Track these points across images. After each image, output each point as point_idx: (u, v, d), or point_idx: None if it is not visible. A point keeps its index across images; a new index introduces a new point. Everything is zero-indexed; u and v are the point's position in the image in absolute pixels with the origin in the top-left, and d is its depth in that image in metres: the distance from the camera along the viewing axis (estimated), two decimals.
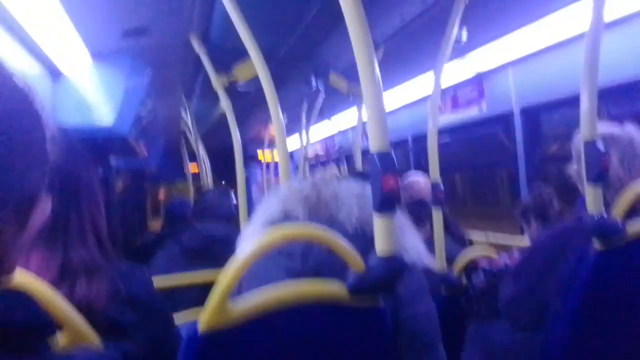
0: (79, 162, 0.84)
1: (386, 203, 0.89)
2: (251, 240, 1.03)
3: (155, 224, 5.56)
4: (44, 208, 0.41)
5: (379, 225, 0.91)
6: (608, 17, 1.58)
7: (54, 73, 1.94)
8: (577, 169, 1.52)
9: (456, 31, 1.94)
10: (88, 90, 2.02)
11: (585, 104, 1.32)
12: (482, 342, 1.71)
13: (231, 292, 0.83)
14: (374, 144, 0.90)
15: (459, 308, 1.82)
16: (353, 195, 1.09)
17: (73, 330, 0.71)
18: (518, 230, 2.37)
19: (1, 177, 0.35)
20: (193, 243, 2.19)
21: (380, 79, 0.91)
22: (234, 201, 2.42)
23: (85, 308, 0.74)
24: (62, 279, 0.75)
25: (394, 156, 0.91)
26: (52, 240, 0.77)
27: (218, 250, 2.16)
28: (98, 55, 2.02)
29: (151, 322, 0.84)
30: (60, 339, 0.71)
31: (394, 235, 0.92)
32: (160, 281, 1.99)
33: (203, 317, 0.81)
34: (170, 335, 0.91)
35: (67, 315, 0.70)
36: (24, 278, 0.68)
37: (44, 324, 0.40)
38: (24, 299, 0.39)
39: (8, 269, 0.40)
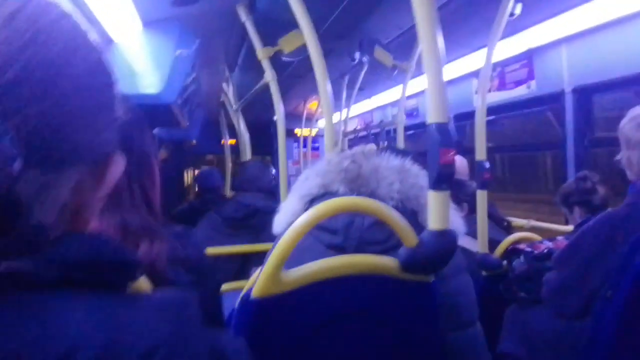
0: (134, 127, 0.84)
1: (443, 176, 0.87)
2: (291, 215, 1.04)
3: (192, 194, 5.70)
4: (118, 165, 0.43)
5: (434, 198, 0.90)
6: None
7: (106, 39, 1.97)
8: (626, 154, 1.46)
9: (511, 4, 1.86)
10: (137, 57, 2.04)
11: None
12: (521, 326, 1.69)
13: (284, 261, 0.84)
14: (433, 115, 0.88)
15: (498, 290, 1.80)
16: (394, 169, 1.07)
17: (136, 290, 0.73)
18: (562, 216, 2.30)
19: (79, 133, 0.36)
20: (234, 213, 2.24)
21: (442, 48, 0.88)
22: (274, 173, 2.44)
23: (147, 269, 0.76)
24: (124, 241, 0.77)
25: (453, 129, 0.88)
26: (109, 204, 0.79)
27: (258, 221, 2.20)
28: (149, 22, 2.04)
29: (202, 284, 0.86)
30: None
31: (448, 210, 0.91)
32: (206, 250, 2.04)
33: (257, 284, 0.83)
34: (218, 298, 0.93)
35: None
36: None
37: (130, 262, 0.41)
38: (107, 239, 0.40)
39: (85, 222, 0.42)
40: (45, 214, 0.35)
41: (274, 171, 2.57)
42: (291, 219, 0.98)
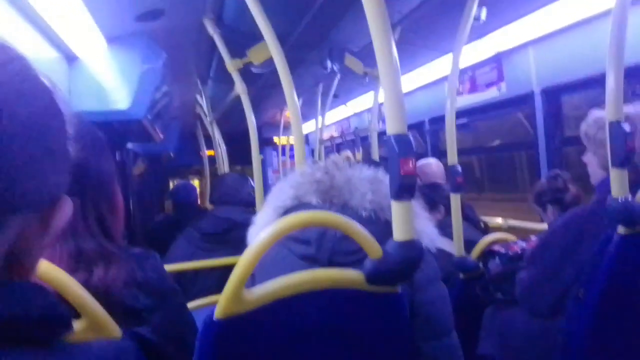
0: (87, 151, 0.80)
1: (404, 186, 0.87)
2: (264, 227, 1.03)
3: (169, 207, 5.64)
4: (65, 209, 0.41)
5: (396, 209, 0.89)
6: None
7: (70, 58, 1.94)
8: (588, 153, 1.49)
9: (475, 9, 1.88)
10: (103, 74, 2.02)
11: (611, 83, 1.28)
12: (499, 327, 1.69)
13: (246, 279, 0.83)
14: (392, 127, 0.88)
15: (476, 292, 1.80)
16: (366, 179, 1.07)
17: (91, 317, 0.71)
18: (538, 215, 2.33)
19: (25, 181, 0.35)
20: (212, 228, 2.21)
21: (397, 60, 0.88)
22: (253, 186, 2.42)
23: (102, 294, 0.74)
24: (77, 268, 0.74)
25: (411, 139, 0.88)
26: (62, 232, 0.76)
27: (237, 235, 2.17)
28: (113, 39, 2.02)
29: (164, 306, 0.83)
30: (78, 327, 0.71)
31: (412, 220, 0.91)
32: (181, 266, 2.01)
33: (219, 304, 0.81)
34: (184, 318, 0.91)
35: (85, 303, 0.70)
36: (40, 266, 0.68)
37: (62, 317, 0.39)
38: (40, 292, 0.38)
39: (30, 269, 0.40)
40: None
41: (252, 183, 2.55)
42: None
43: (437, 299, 1.05)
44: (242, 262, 0.82)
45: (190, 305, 1.65)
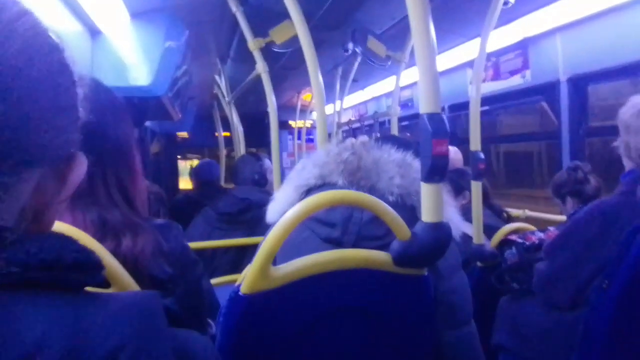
0: (104, 113, 0.79)
1: (436, 168, 0.85)
2: (285, 205, 1.02)
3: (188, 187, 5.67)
4: (81, 166, 0.42)
5: (426, 190, 0.88)
6: None
7: (93, 32, 1.93)
8: (625, 140, 1.44)
9: None
10: (126, 49, 2.01)
11: None
12: (513, 317, 1.68)
13: (274, 255, 0.82)
14: (425, 105, 0.86)
15: (491, 282, 1.79)
16: (395, 162, 1.04)
17: (120, 286, 0.71)
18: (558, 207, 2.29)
19: (39, 135, 0.36)
20: (229, 207, 2.23)
21: (434, 37, 0.86)
22: (262, 165, 2.43)
23: (130, 264, 0.73)
24: (104, 237, 0.74)
25: (445, 119, 0.86)
26: (84, 200, 0.75)
27: (253, 214, 2.18)
28: (136, 14, 2.00)
29: (186, 277, 0.83)
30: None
31: (442, 202, 0.89)
32: (198, 245, 2.03)
33: (247, 279, 0.81)
34: (203, 289, 0.91)
35: (115, 271, 0.70)
36: (72, 233, 0.68)
37: (94, 263, 0.40)
38: (70, 240, 0.39)
39: (48, 223, 0.41)
40: (5, 215, 0.35)
41: (267, 163, 2.55)
42: (285, 208, 0.95)
43: (460, 287, 1.03)
44: (270, 239, 0.81)
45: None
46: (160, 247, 0.79)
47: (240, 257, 2.16)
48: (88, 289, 0.41)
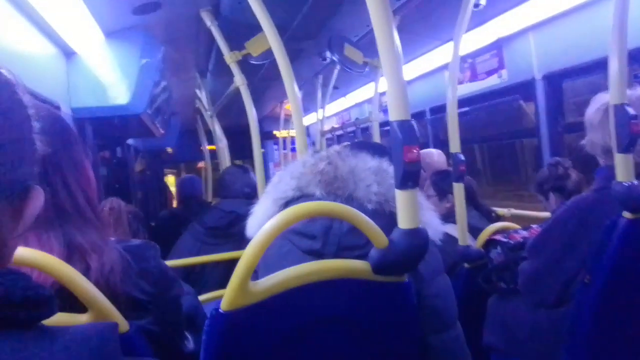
0: (56, 142, 0.78)
1: (408, 174, 0.86)
2: (264, 218, 1.02)
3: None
4: (37, 199, 0.42)
5: (401, 197, 0.88)
6: None
7: (68, 53, 1.93)
8: (590, 137, 1.47)
9: None
10: (102, 69, 2.00)
11: (615, 66, 1.26)
12: (503, 317, 1.69)
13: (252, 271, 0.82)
14: (395, 113, 0.87)
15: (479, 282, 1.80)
16: (371, 170, 1.04)
17: (98, 310, 0.71)
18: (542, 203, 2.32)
19: None
20: (217, 222, 2.21)
21: (399, 45, 0.87)
22: (252, 178, 2.42)
23: (102, 285, 0.73)
24: (71, 258, 0.73)
25: (415, 126, 0.87)
26: (47, 220, 0.74)
27: (241, 228, 2.17)
28: (111, 33, 2.00)
29: (165, 295, 0.83)
30: (85, 320, 0.71)
31: (417, 208, 0.90)
32: (187, 261, 2.01)
33: (226, 296, 0.80)
34: (180, 306, 0.90)
35: (91, 295, 0.70)
36: (46, 260, 0.67)
37: (44, 299, 0.39)
38: (21, 276, 0.39)
39: (6, 259, 0.41)
40: None
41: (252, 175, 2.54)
42: (264, 221, 0.93)
43: (442, 291, 1.03)
44: (248, 254, 0.81)
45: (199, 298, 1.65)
46: (131, 267, 0.79)
47: (230, 271, 2.14)
48: (56, 319, 0.40)
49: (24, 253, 0.65)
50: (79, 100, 1.96)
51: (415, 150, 0.85)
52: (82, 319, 0.71)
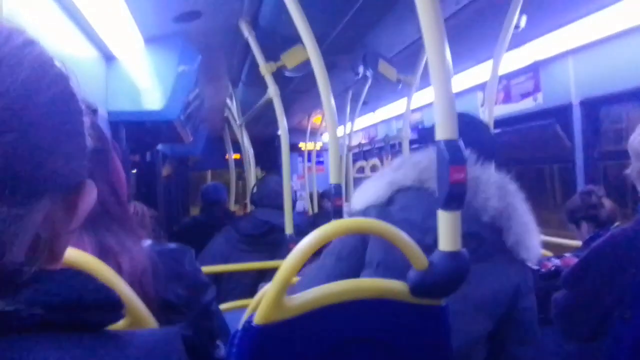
0: (103, 144, 0.80)
1: (453, 195, 0.83)
2: (371, 197, 1.06)
3: (195, 210, 5.66)
4: (90, 194, 0.42)
5: (444, 218, 0.86)
6: None
7: (108, 57, 1.96)
8: (637, 167, 1.42)
9: (517, 17, 1.84)
10: (140, 74, 2.04)
11: None
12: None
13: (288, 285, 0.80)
14: (442, 132, 0.85)
15: None
16: (495, 184, 1.04)
17: (133, 311, 0.70)
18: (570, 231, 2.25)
19: (48, 164, 0.35)
20: (252, 230, 2.21)
21: (450, 61, 0.85)
22: (296, 188, 2.42)
23: (136, 287, 0.72)
24: (106, 259, 0.73)
25: (462, 146, 0.85)
26: (86, 223, 0.75)
27: (275, 238, 2.17)
28: (150, 39, 2.03)
29: (199, 300, 0.82)
30: (121, 325, 0.70)
31: (459, 230, 0.87)
32: (217, 268, 2.01)
33: (260, 309, 0.79)
34: (213, 312, 0.89)
35: (129, 299, 0.69)
36: (87, 261, 0.67)
37: (115, 302, 0.38)
38: (88, 277, 0.38)
39: (58, 255, 0.40)
40: (16, 250, 0.33)
41: (293, 185, 2.54)
42: (371, 200, 1.02)
43: (532, 307, 1.09)
44: (285, 268, 0.80)
45: (222, 307, 1.63)
46: (163, 270, 0.78)
47: (258, 281, 2.14)
48: None
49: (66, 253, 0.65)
50: (115, 103, 1.99)
51: (462, 171, 0.82)
52: (119, 324, 0.69)
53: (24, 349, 0.32)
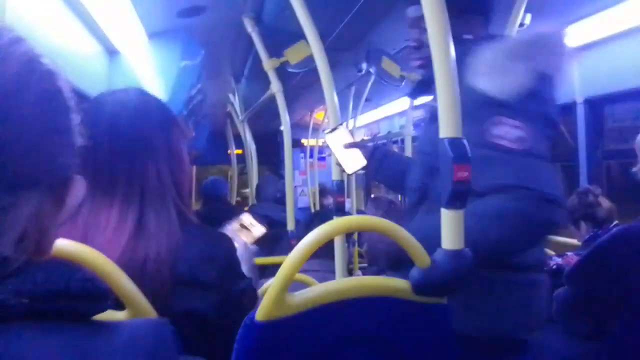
0: (151, 123, 0.84)
1: (457, 194, 0.83)
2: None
3: (196, 205, 5.65)
4: (78, 190, 0.43)
5: (447, 216, 0.85)
6: None
7: (111, 51, 1.96)
8: None
9: (521, 15, 1.83)
10: (143, 69, 2.03)
11: None
12: (539, 346, 1.63)
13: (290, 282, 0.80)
14: (445, 129, 0.84)
15: None
16: None
17: (136, 308, 0.70)
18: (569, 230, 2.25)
19: (36, 158, 0.37)
20: None
21: (454, 59, 0.84)
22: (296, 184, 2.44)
23: (162, 262, 0.76)
24: (138, 234, 0.78)
25: (466, 144, 0.84)
26: (129, 197, 0.79)
27: (274, 232, 2.17)
28: (153, 34, 2.03)
29: (229, 286, 0.85)
30: (121, 317, 0.70)
31: (462, 228, 0.87)
32: None
33: (261, 307, 0.79)
34: (243, 304, 0.90)
35: (130, 292, 0.69)
36: (91, 254, 0.67)
37: (102, 291, 0.39)
38: (75, 267, 0.39)
39: (46, 248, 0.41)
40: (4, 241, 0.34)
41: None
42: None
43: None
44: (287, 265, 0.80)
45: None
46: (203, 252, 0.83)
47: (258, 276, 2.13)
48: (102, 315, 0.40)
49: (63, 245, 0.65)
50: None
51: (466, 170, 0.82)
52: (119, 316, 0.70)
53: (9, 337, 0.32)
